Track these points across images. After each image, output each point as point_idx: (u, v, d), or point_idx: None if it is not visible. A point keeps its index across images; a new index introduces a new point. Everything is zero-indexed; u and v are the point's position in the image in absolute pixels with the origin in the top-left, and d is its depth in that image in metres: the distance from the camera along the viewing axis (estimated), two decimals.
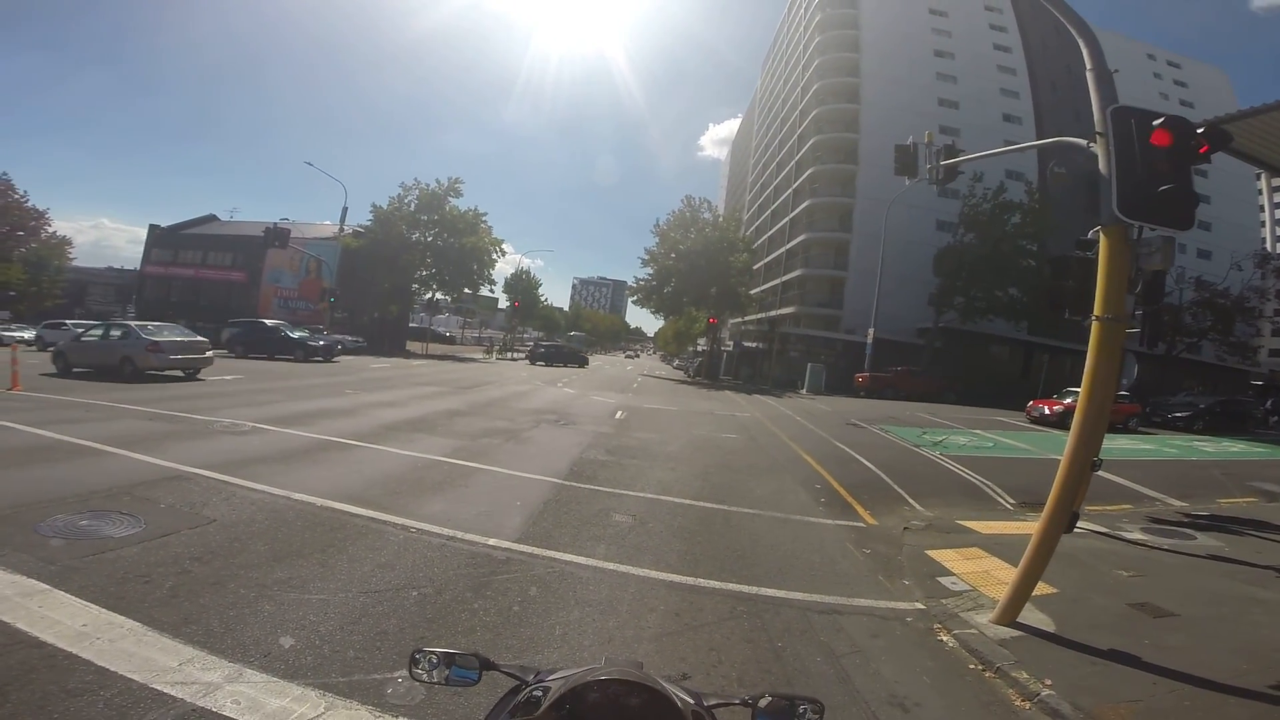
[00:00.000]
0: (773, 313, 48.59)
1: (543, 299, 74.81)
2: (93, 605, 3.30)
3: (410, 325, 51.64)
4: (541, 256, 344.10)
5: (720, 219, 43.18)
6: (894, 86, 42.78)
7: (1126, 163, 3.74)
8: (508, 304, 60.44)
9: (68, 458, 6.45)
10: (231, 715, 2.49)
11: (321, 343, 24.74)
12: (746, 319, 50.73)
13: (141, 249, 50.14)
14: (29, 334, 29.64)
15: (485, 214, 44.42)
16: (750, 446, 11.56)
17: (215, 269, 47.17)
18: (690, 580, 4.63)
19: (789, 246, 48.57)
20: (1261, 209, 58.23)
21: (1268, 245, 51.12)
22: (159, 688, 2.61)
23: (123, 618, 3.20)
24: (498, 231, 45.42)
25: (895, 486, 8.58)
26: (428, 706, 2.68)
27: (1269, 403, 27.25)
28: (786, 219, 50.44)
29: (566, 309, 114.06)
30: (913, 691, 3.32)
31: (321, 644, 3.17)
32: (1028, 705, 3.26)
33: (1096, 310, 3.96)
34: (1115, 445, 11.49)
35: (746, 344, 47.77)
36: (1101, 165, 3.91)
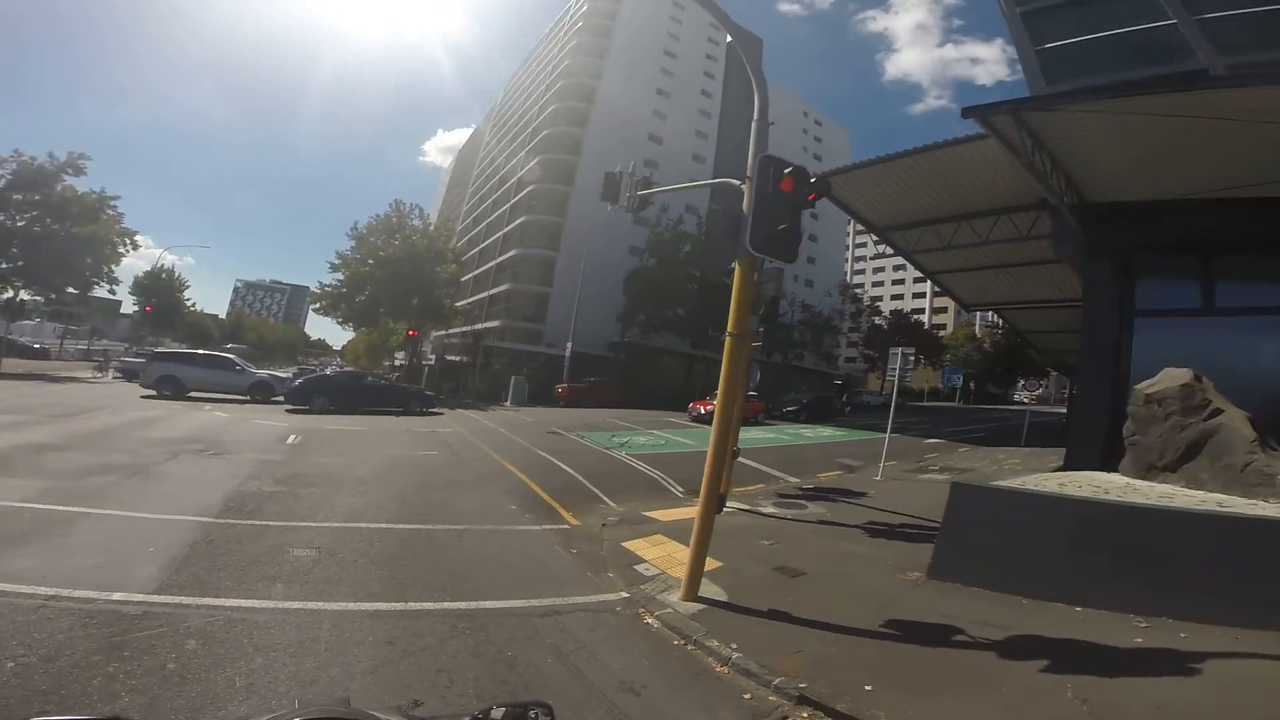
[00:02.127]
0: (479, 326, 48.20)
1: (190, 304, 61.01)
2: None
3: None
4: (193, 254, 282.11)
5: (431, 227, 41.29)
6: (617, 117, 46.33)
7: (762, 204, 4.54)
8: (136, 308, 47.91)
9: None
10: None
11: None
12: (451, 331, 49.29)
13: None
14: None
15: (116, 199, 34.48)
16: (452, 462, 11.23)
17: None
18: (400, 606, 4.33)
19: (499, 260, 49.13)
20: (847, 247, 78.74)
21: (848, 277, 69.98)
22: None
23: None
24: (135, 221, 35.57)
25: (592, 487, 9.27)
26: None
27: (844, 396, 37.50)
28: (500, 233, 50.94)
29: (224, 316, 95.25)
30: (638, 675, 3.64)
31: None
32: (726, 670, 3.82)
33: (730, 328, 4.86)
34: (749, 436, 14.17)
35: (450, 357, 46.36)
36: (745, 205, 4.69)
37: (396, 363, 53.21)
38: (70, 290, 36.13)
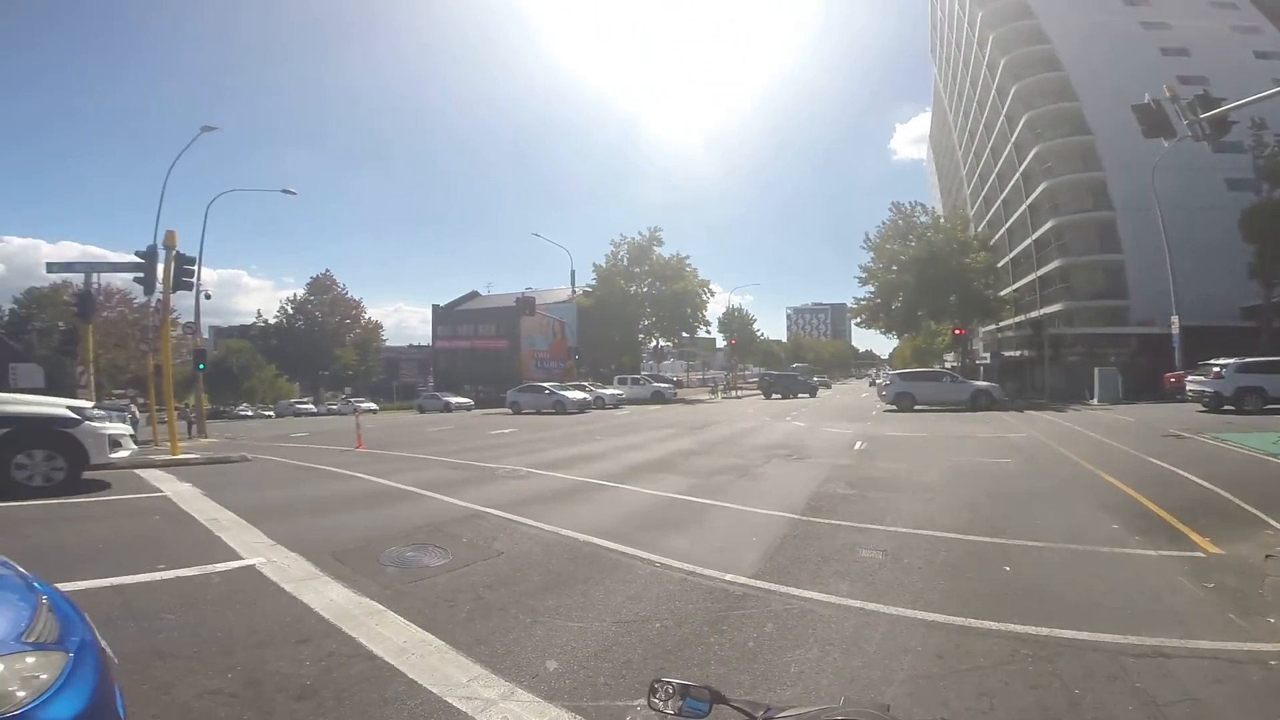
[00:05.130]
0: (1034, 314, 41.63)
1: (759, 334, 74.55)
2: (411, 625, 3.93)
3: (642, 373, 55.22)
4: (749, 291, 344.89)
5: (941, 220, 38.94)
6: (1094, 44, 36.03)
7: None
8: (724, 343, 61.40)
9: (397, 501, 8.00)
10: None
11: (578, 396, 30.10)
12: (1002, 325, 44.26)
13: (429, 326, 61.41)
14: (372, 405, 41.02)
15: (688, 257, 46.06)
16: (1029, 470, 9.95)
17: (483, 339, 55.84)
18: (958, 620, 4.04)
19: (1036, 236, 41.76)
20: None
21: None
22: (450, 701, 3.00)
23: (432, 636, 3.75)
24: (703, 274, 46.71)
25: (1247, 506, 6.67)
26: None
27: None
28: (1023, 206, 43.61)
29: (785, 340, 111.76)
30: None
31: (579, 669, 3.41)
32: None
33: None
34: None
35: (1008, 354, 41.55)
36: None
37: (947, 365, 51.22)
38: (684, 334, 49.16)
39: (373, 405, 43.23)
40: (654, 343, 49.90)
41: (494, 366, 51.00)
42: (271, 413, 47.51)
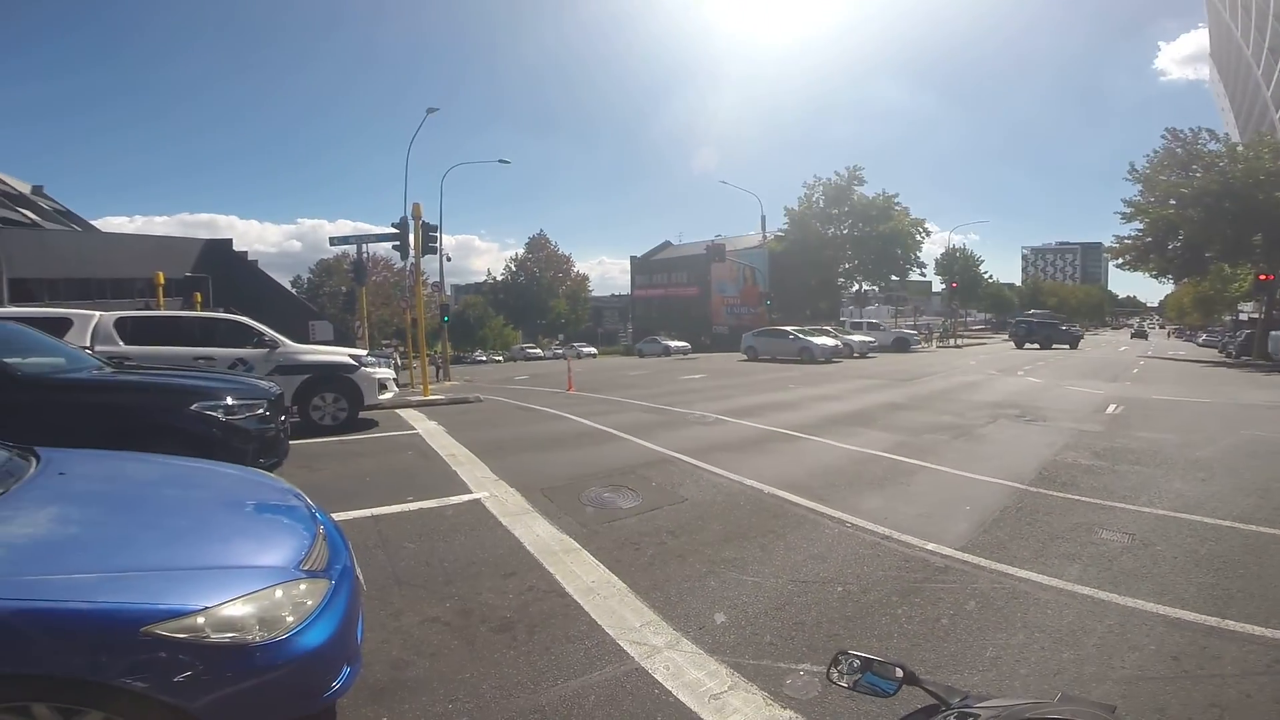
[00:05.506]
0: None
1: (986, 276, 65.47)
2: (600, 565, 4.20)
3: (840, 319, 52.33)
4: (975, 230, 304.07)
5: (1239, 148, 30.14)
6: None
7: None
8: (943, 286, 55.17)
9: (598, 441, 8.61)
10: (660, 680, 2.81)
11: (828, 343, 25.61)
12: None
13: (628, 277, 64.38)
14: (592, 350, 45.65)
15: (896, 196, 41.82)
16: None
17: (676, 287, 57.09)
18: (1211, 621, 3.35)
19: None
20: None
21: None
22: (621, 644, 3.14)
23: (616, 578, 3.98)
24: (915, 212, 42.15)
25: None
26: (819, 705, 2.58)
27: None
28: None
29: (1018, 284, 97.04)
30: None
31: (746, 625, 3.38)
32: None
33: None
34: None
35: None
36: None
37: (1241, 316, 40.59)
38: (894, 277, 45.21)
39: (592, 350, 47.05)
40: (856, 287, 46.70)
41: (686, 313, 52.03)
42: (500, 358, 54.21)
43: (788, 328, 28.03)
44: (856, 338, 29.45)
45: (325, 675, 2.00)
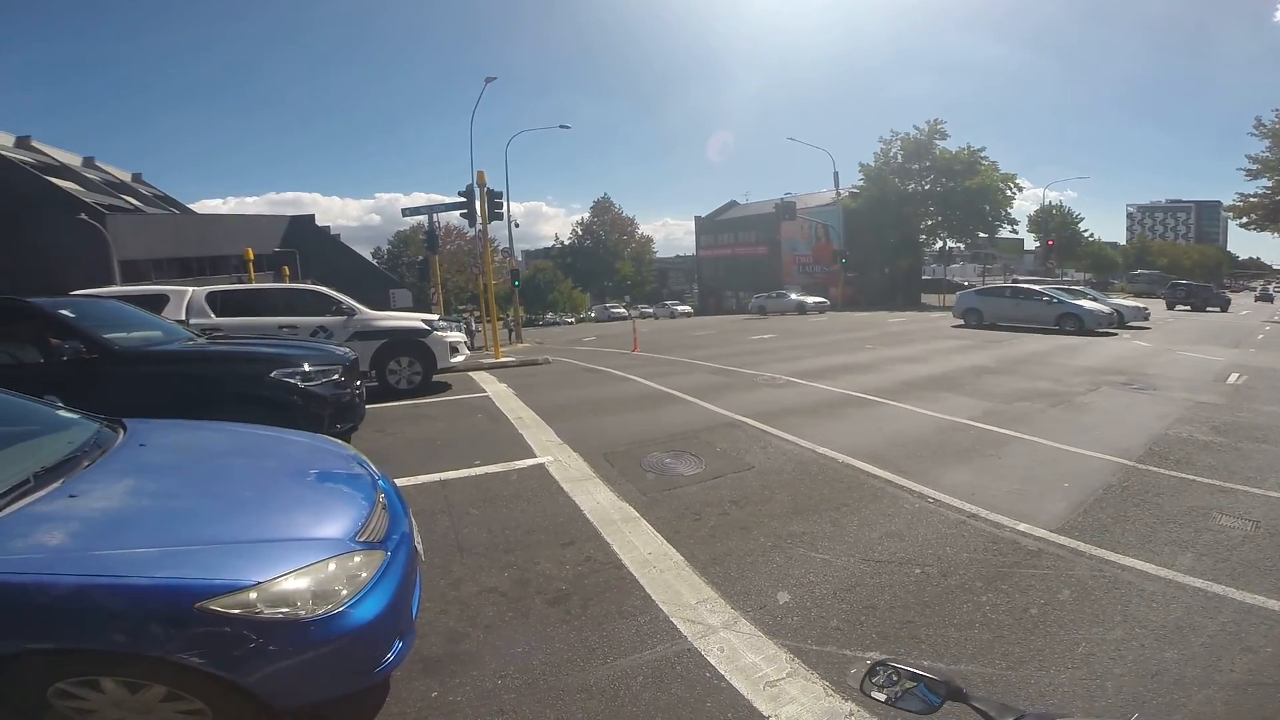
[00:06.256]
0: None
1: (1086, 234, 60.17)
2: (658, 535, 4.08)
3: (924, 279, 49.60)
4: (1073, 186, 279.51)
5: None
6: None
7: None
8: (1037, 244, 51.21)
9: (662, 404, 8.47)
10: (713, 663, 2.68)
11: (1102, 309, 18.79)
12: None
13: (693, 238, 63.29)
14: (688, 309, 45.28)
15: (982, 150, 38.78)
16: None
17: (744, 246, 55.69)
18: None
19: None
20: None
21: None
22: (675, 621, 3.01)
23: (674, 550, 3.85)
24: (1005, 167, 38.92)
25: None
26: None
27: None
28: None
29: (1123, 243, 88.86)
30: None
31: (811, 606, 3.19)
32: None
33: None
34: None
35: None
36: None
37: None
38: (981, 235, 42.30)
39: (688, 309, 45.62)
40: (939, 244, 44.04)
41: (754, 273, 50.71)
42: (571, 320, 55.03)
43: (1036, 286, 21.54)
44: (1129, 303, 22.50)
45: (378, 648, 1.99)
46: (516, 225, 30.68)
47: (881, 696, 1.11)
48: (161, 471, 2.49)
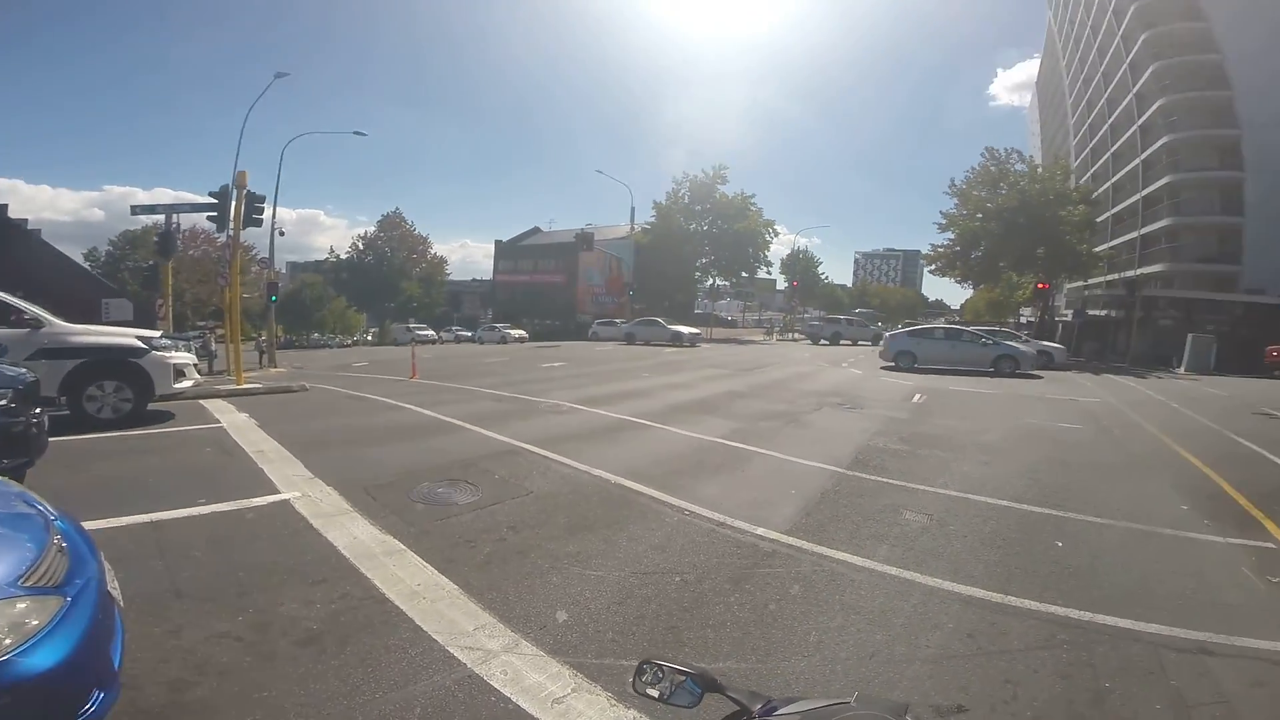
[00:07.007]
0: (1130, 273, 38.63)
1: (823, 277, 71.95)
2: (429, 566, 3.91)
3: (695, 312, 54.62)
4: (818, 234, 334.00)
5: (1039, 169, 36.10)
6: None
7: None
8: (786, 284, 59.79)
9: (439, 433, 8.12)
10: (497, 686, 2.68)
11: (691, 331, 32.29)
12: (1091, 282, 41.36)
13: (492, 262, 62.32)
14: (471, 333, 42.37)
15: (753, 196, 44.67)
16: (1100, 440, 9.26)
17: (543, 274, 56.28)
18: (996, 597, 3.77)
19: (1146, 193, 38.52)
20: None
21: None
22: (452, 651, 2.93)
23: (447, 579, 3.72)
24: (768, 214, 45.23)
25: None
26: (661, 706, 2.60)
27: None
28: (1136, 161, 39.97)
29: (850, 285, 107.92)
30: None
31: (588, 622, 3.32)
32: None
33: None
34: None
35: (1092, 312, 38.82)
36: None
37: (1023, 319, 48.30)
38: (744, 274, 48.03)
39: (522, 333, 41.86)
40: (710, 281, 49.09)
41: (551, 300, 51.49)
42: (351, 341, 49.80)
43: (658, 318, 32.01)
44: (686, 330, 33.25)
45: (70, 700, 1.77)
46: (281, 234, 27.18)
47: (655, 693, 1.17)
48: None
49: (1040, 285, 35.59)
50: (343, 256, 63.11)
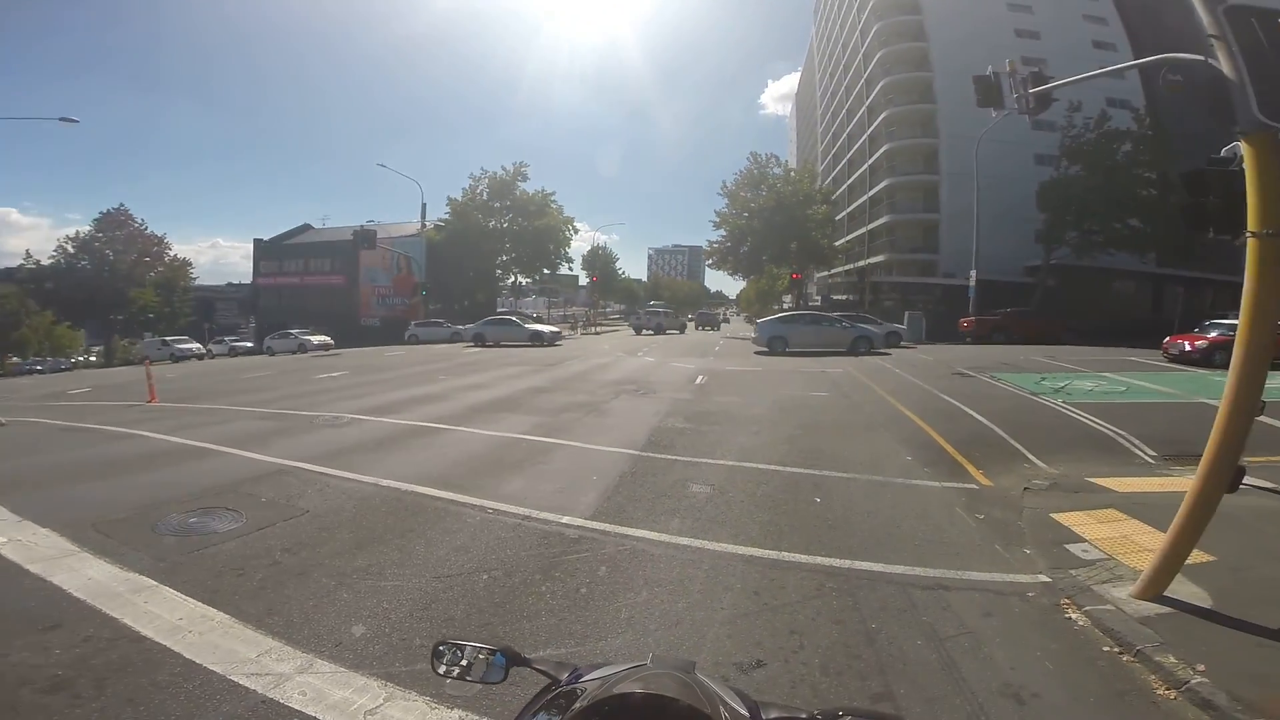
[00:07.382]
0: (861, 263, 46.32)
1: (621, 272, 75.02)
2: (191, 599, 3.48)
3: (499, 310, 53.39)
4: (615, 231, 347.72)
5: (792, 173, 41.68)
6: (961, 19, 39.26)
7: (1258, 63, 3.22)
8: (587, 280, 61.24)
9: (186, 460, 7.00)
10: (297, 707, 2.52)
11: (550, 329, 29.70)
12: (833, 271, 48.89)
13: (252, 263, 54.35)
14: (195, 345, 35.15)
15: (553, 194, 45.13)
16: (843, 404, 10.94)
17: (317, 275, 50.46)
18: (773, 555, 4.30)
19: (872, 194, 46.17)
20: None
21: None
22: (236, 679, 2.69)
23: (215, 610, 3.35)
24: (568, 211, 45.98)
25: (1011, 441, 7.79)
26: (484, 699, 2.56)
27: None
28: (865, 166, 47.98)
29: (645, 280, 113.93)
30: (1031, 679, 2.86)
31: (391, 632, 3.18)
32: (1173, 695, 2.76)
33: (1252, 225, 3.29)
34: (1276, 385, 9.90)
35: (835, 297, 45.92)
36: (1227, 70, 3.31)
37: (783, 306, 55.14)
38: (545, 271, 48.22)
39: (326, 339, 32.57)
40: (512, 279, 48.39)
41: (328, 304, 46.41)
42: (77, 360, 39.84)
43: (512, 315, 30.08)
44: (548, 328, 30.76)
45: None
46: None
47: (453, 675, 1.12)
48: None
49: (794, 275, 41.04)
50: (45, 262, 50.38)
